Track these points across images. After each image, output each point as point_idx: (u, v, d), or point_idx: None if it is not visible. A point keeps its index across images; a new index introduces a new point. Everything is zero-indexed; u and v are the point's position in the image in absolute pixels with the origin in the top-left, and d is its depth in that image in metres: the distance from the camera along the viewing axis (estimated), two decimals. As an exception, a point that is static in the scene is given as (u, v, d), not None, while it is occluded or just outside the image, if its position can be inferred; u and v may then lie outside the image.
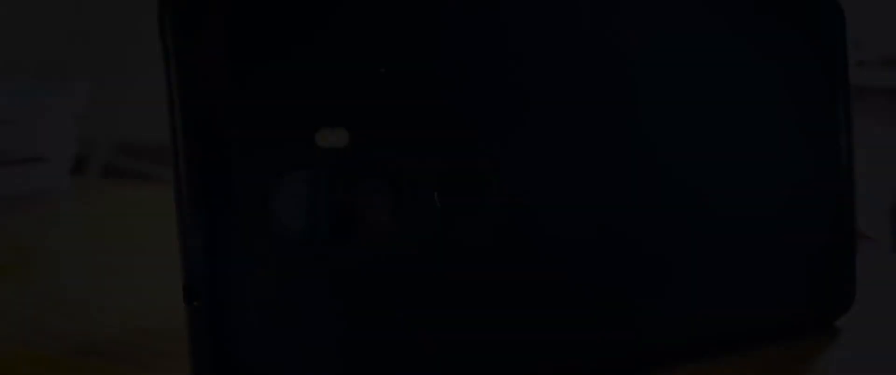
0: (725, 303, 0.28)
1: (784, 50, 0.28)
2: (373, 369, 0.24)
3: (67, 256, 0.47)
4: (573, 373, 0.26)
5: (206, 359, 0.23)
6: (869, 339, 0.29)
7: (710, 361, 0.28)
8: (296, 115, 0.23)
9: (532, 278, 0.25)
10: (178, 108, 0.22)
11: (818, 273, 0.29)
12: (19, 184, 0.62)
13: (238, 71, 0.22)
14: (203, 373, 0.23)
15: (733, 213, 0.28)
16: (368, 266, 0.24)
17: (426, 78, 0.24)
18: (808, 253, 0.29)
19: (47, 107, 0.64)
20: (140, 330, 0.32)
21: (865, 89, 1.71)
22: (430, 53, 0.24)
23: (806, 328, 0.30)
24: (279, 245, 0.23)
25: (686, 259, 0.27)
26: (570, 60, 0.26)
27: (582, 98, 0.26)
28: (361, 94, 0.23)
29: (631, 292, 0.27)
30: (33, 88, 0.65)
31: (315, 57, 0.23)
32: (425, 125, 0.24)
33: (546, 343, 0.26)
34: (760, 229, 0.28)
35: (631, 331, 0.27)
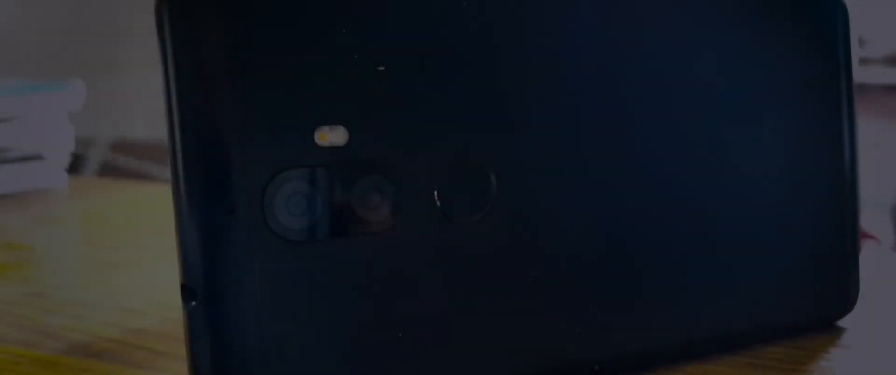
0: (729, 303, 0.28)
1: (788, 48, 0.28)
2: (372, 368, 0.24)
3: (64, 255, 0.47)
4: (577, 371, 0.26)
5: (204, 360, 0.22)
6: (871, 338, 0.29)
7: (714, 360, 0.28)
8: (294, 113, 0.23)
9: (533, 277, 0.25)
10: (176, 106, 0.22)
11: (821, 272, 0.29)
12: (16, 182, 0.62)
13: (236, 68, 0.22)
14: (201, 374, 0.23)
15: (736, 212, 0.28)
16: (368, 265, 0.23)
17: (425, 76, 0.24)
18: (811, 253, 0.29)
19: (44, 105, 0.64)
20: (137, 330, 0.32)
21: (868, 87, 1.72)
22: (429, 51, 0.24)
23: (809, 327, 0.30)
24: (278, 244, 0.22)
25: (688, 258, 0.27)
26: (571, 58, 0.25)
27: (583, 96, 0.25)
28: (360, 92, 0.23)
29: (633, 291, 0.27)
30: (30, 87, 0.65)
31: (314, 54, 0.23)
32: (425, 123, 0.24)
33: (548, 343, 0.26)
34: (763, 228, 0.28)
35: (633, 330, 0.27)
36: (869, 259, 0.32)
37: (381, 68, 0.23)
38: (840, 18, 0.29)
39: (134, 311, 0.34)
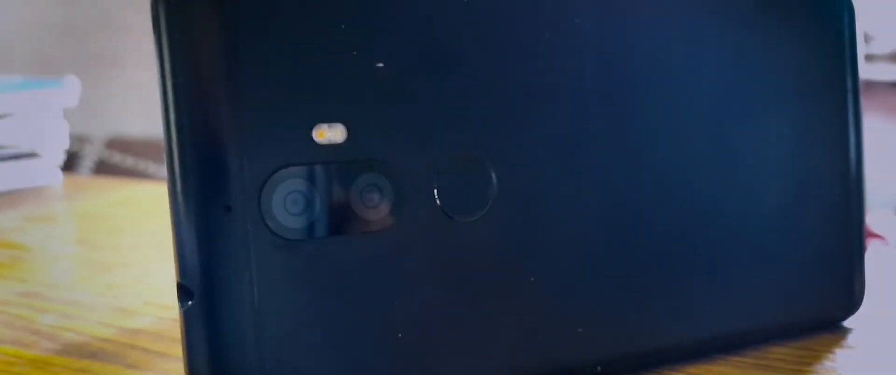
0: (734, 302, 0.28)
1: (794, 45, 0.28)
2: (371, 368, 0.24)
3: (59, 254, 0.46)
4: (579, 372, 0.26)
5: (201, 360, 0.22)
6: (877, 339, 0.29)
7: (718, 361, 0.27)
8: (292, 110, 0.22)
9: (534, 276, 0.25)
10: (172, 103, 0.21)
11: (827, 272, 0.29)
12: (10, 180, 0.62)
13: (233, 65, 0.22)
14: (198, 374, 0.22)
15: (741, 211, 0.27)
16: (367, 264, 0.23)
17: (425, 72, 0.23)
18: (816, 252, 0.29)
19: (39, 102, 0.63)
20: (133, 330, 0.32)
21: (874, 84, 1.71)
22: (429, 47, 0.23)
23: (814, 327, 0.29)
24: (276, 243, 0.22)
25: (692, 257, 0.27)
26: (573, 54, 0.25)
27: (585, 92, 0.25)
28: (359, 89, 0.23)
29: (635, 290, 0.26)
30: (24, 84, 0.64)
31: (312, 51, 0.22)
32: (424, 120, 0.24)
33: (549, 342, 0.25)
34: (768, 227, 0.28)
35: (635, 330, 0.26)
36: (875, 258, 0.32)
37: (380, 65, 0.23)
38: (846, 15, 0.29)
39: (130, 311, 0.34)
